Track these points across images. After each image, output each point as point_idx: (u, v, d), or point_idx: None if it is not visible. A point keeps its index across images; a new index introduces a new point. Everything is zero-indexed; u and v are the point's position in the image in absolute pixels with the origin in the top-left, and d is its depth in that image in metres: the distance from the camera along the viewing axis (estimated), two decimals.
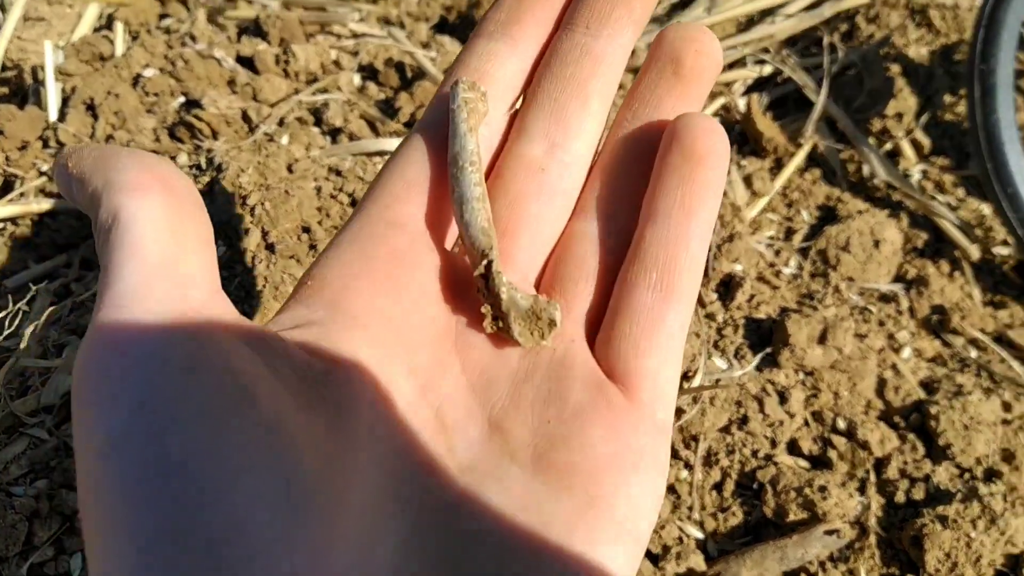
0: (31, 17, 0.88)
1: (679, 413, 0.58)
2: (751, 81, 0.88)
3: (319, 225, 0.62)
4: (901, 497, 0.56)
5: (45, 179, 0.70)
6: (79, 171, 0.24)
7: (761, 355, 0.63)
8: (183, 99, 0.76)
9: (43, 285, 0.61)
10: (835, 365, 0.63)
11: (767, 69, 0.88)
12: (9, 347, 0.57)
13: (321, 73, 0.81)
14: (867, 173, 0.80)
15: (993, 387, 0.65)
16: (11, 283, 0.64)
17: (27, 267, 0.66)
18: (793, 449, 0.59)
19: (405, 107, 0.76)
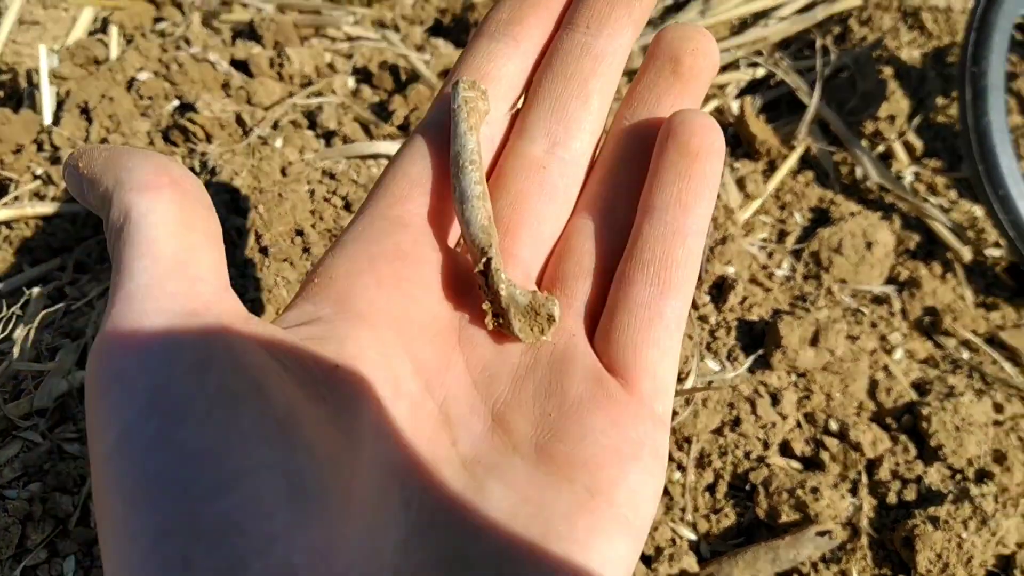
0: (26, 21, 0.89)
1: (672, 415, 0.58)
2: (744, 83, 0.89)
3: (312, 228, 0.62)
4: (893, 498, 0.56)
5: (39, 183, 0.71)
6: (90, 172, 0.24)
7: (753, 357, 0.64)
8: (177, 102, 0.76)
9: (37, 288, 0.61)
10: (827, 367, 0.63)
11: (760, 72, 0.88)
12: (2, 350, 0.57)
13: (315, 76, 0.81)
14: (860, 175, 0.80)
15: (985, 388, 0.65)
16: (5, 286, 0.64)
17: (21, 270, 0.66)
18: (785, 450, 0.59)
19: (399, 110, 0.76)
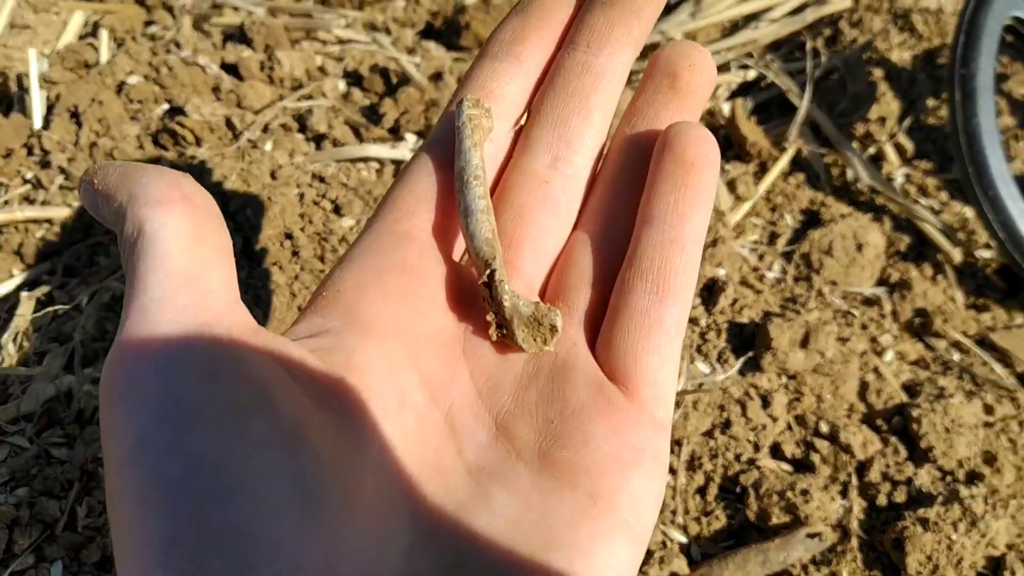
0: (16, 24, 0.88)
1: None
2: (735, 86, 0.89)
3: (301, 231, 0.62)
4: (883, 500, 0.56)
5: (29, 187, 0.70)
6: (105, 187, 0.25)
7: (744, 359, 0.64)
8: (167, 106, 0.76)
9: (25, 293, 0.61)
10: (818, 369, 0.63)
11: (751, 74, 0.88)
12: None
13: (306, 79, 0.81)
14: (850, 177, 0.80)
15: (975, 390, 0.65)
16: None
17: (11, 275, 0.66)
18: (776, 453, 0.59)
19: (389, 113, 0.76)
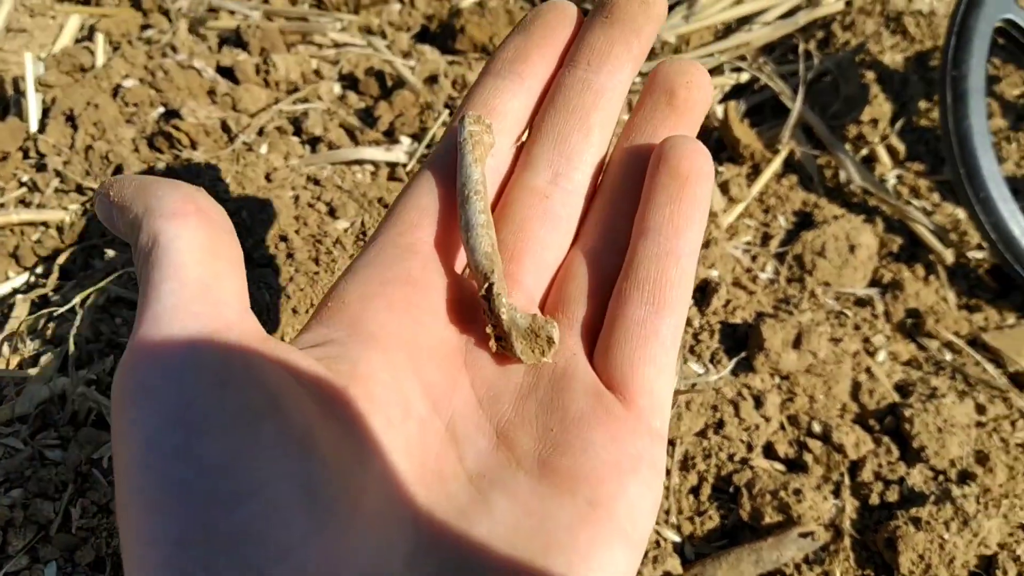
0: (13, 28, 0.89)
1: None
2: (728, 88, 0.89)
3: (296, 234, 0.62)
4: (875, 499, 0.56)
5: (25, 190, 0.71)
6: (120, 199, 0.25)
7: (737, 359, 0.64)
8: (163, 109, 0.76)
9: (20, 295, 0.61)
10: (810, 369, 0.64)
11: (744, 76, 0.89)
12: None
13: (301, 83, 0.82)
14: (843, 179, 0.81)
15: (967, 390, 0.65)
16: None
17: (6, 278, 0.66)
18: (769, 453, 0.60)
19: (384, 116, 0.77)
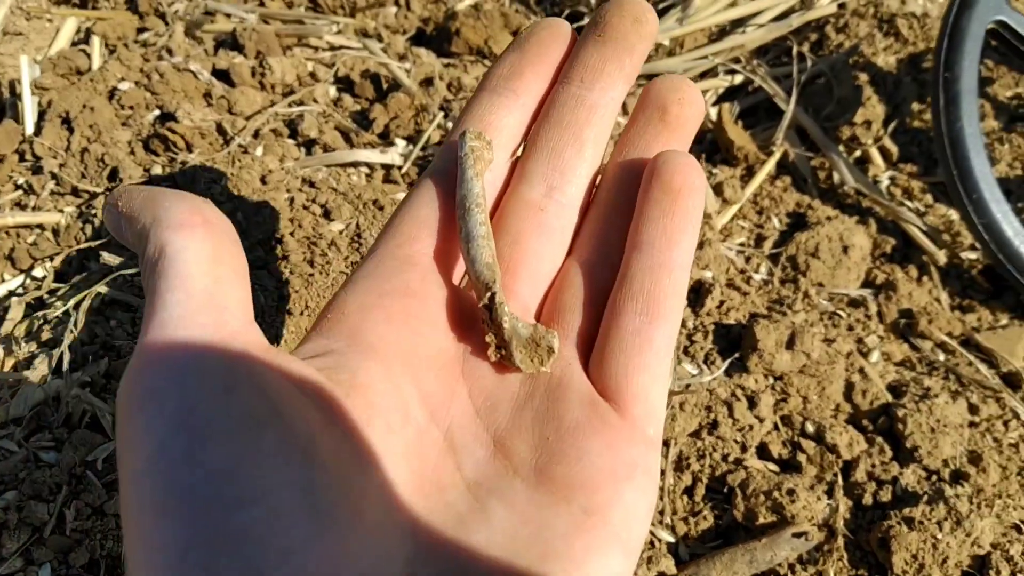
0: (9, 31, 0.89)
1: None
2: (722, 90, 0.90)
3: (291, 236, 0.62)
4: (869, 499, 0.57)
5: (21, 192, 0.71)
6: (128, 210, 0.26)
7: (730, 360, 0.64)
8: (158, 112, 0.76)
9: (15, 297, 0.61)
10: (804, 369, 0.64)
11: (738, 79, 0.89)
12: None
13: (297, 85, 0.82)
14: (837, 180, 0.81)
15: (960, 390, 0.65)
16: None
17: (2, 280, 0.66)
18: (762, 453, 0.60)
19: (379, 118, 0.77)
